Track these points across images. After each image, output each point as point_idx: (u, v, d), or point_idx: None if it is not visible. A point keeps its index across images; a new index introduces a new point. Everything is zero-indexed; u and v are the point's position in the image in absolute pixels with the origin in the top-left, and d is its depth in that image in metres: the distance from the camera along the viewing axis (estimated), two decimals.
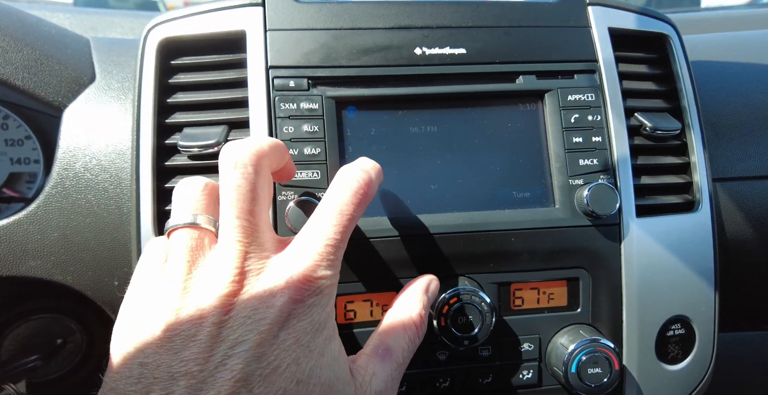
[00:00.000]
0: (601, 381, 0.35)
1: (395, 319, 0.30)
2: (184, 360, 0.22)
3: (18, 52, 0.41)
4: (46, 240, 0.40)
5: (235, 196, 0.25)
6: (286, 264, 0.25)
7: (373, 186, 0.29)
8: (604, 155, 0.38)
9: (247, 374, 0.22)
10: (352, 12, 0.38)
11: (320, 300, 0.25)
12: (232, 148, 0.27)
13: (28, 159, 0.52)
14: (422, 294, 0.31)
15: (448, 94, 0.38)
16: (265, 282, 0.24)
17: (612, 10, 0.41)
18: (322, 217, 0.27)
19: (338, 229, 0.26)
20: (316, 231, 0.26)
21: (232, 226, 0.25)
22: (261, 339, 0.22)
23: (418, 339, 0.30)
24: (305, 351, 0.23)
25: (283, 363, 0.22)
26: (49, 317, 0.44)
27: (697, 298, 0.39)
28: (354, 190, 0.28)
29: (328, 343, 0.24)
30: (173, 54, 0.38)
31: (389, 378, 0.27)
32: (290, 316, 0.23)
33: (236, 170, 0.26)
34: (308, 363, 0.23)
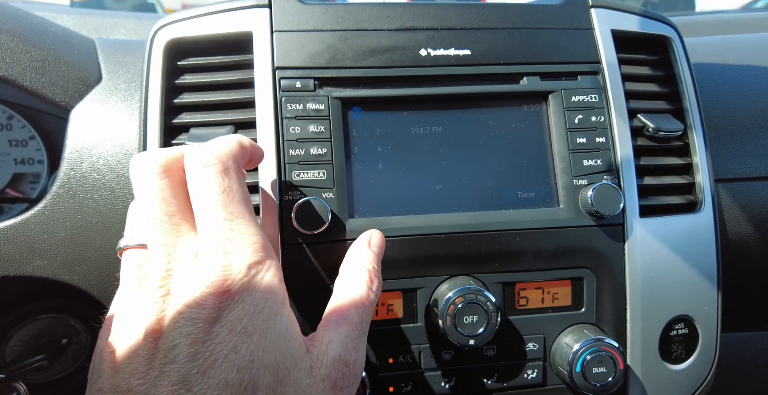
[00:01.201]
0: (606, 380, 0.35)
1: (344, 283, 0.29)
2: (127, 378, 0.23)
3: (26, 53, 0.41)
4: (52, 240, 0.40)
5: (147, 207, 0.26)
6: (208, 255, 0.25)
7: (234, 150, 0.28)
8: (607, 156, 0.39)
9: (184, 375, 0.22)
10: (358, 13, 0.38)
11: (247, 284, 0.24)
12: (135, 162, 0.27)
13: (32, 159, 0.52)
14: (365, 249, 0.31)
15: (453, 95, 0.39)
16: (189, 279, 0.24)
17: (615, 13, 0.42)
18: (201, 201, 0.26)
19: (228, 204, 0.26)
20: (207, 217, 0.25)
21: (151, 231, 0.26)
22: (193, 340, 0.23)
23: (372, 293, 0.28)
24: (242, 337, 0.23)
25: (220, 356, 0.22)
26: (54, 317, 0.44)
27: (700, 298, 0.39)
28: (213, 162, 0.27)
29: (271, 322, 0.24)
30: (180, 55, 0.39)
31: (347, 339, 0.26)
32: (220, 309, 0.23)
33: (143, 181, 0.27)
34: (248, 348, 0.23)
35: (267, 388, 0.23)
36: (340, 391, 0.25)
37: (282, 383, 0.23)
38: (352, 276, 0.29)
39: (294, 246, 0.35)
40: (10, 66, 0.40)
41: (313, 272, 0.35)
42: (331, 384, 0.25)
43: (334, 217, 0.35)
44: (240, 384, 0.22)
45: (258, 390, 0.22)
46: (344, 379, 0.25)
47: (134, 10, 6.31)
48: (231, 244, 0.25)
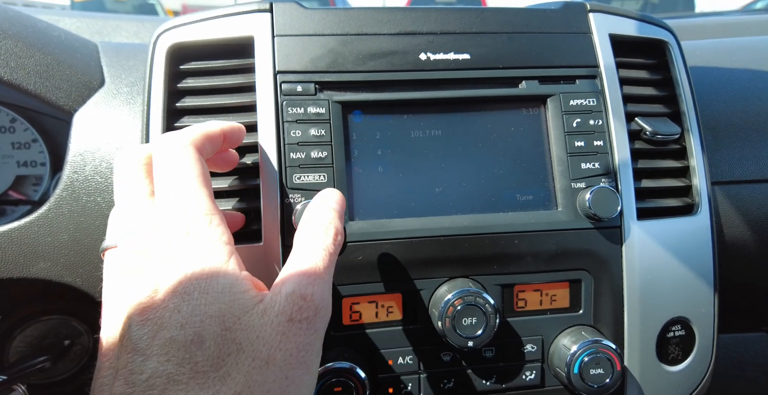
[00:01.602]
0: (603, 381, 0.35)
1: (302, 235, 0.29)
2: (101, 359, 0.25)
3: (30, 58, 0.41)
4: (56, 243, 0.40)
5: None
6: (148, 242, 0.26)
7: (205, 137, 0.30)
8: (605, 159, 0.39)
9: (135, 341, 0.23)
10: (358, 18, 0.39)
11: (179, 244, 0.25)
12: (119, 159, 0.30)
13: (34, 162, 0.53)
14: (322, 203, 0.31)
15: (453, 99, 0.39)
16: (136, 263, 0.26)
17: (612, 17, 0.42)
18: (165, 181, 0.28)
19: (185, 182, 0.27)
20: (167, 193, 0.27)
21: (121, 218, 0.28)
22: (141, 308, 0.24)
23: (330, 240, 0.28)
24: (183, 296, 0.24)
25: (165, 318, 0.24)
26: (57, 318, 0.45)
27: (697, 300, 0.39)
28: (179, 145, 0.29)
29: (212, 280, 0.25)
30: (182, 59, 0.39)
31: (302, 277, 0.26)
32: (160, 276, 0.25)
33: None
34: (189, 306, 0.24)
35: (215, 336, 0.23)
36: (298, 323, 0.25)
37: (232, 329, 0.24)
38: (306, 228, 0.29)
39: None
40: (14, 70, 0.40)
41: None
42: (286, 317, 0.25)
43: None
44: (185, 339, 0.23)
45: (205, 340, 0.23)
46: (301, 312, 0.25)
47: (134, 11, 6.28)
48: (170, 214, 0.26)
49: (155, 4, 6.31)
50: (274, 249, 0.35)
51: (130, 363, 0.23)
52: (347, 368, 0.34)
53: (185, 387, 0.22)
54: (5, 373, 0.39)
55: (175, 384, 0.22)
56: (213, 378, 0.23)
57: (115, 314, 0.25)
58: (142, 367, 0.23)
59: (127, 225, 0.28)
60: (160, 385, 0.22)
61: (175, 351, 0.23)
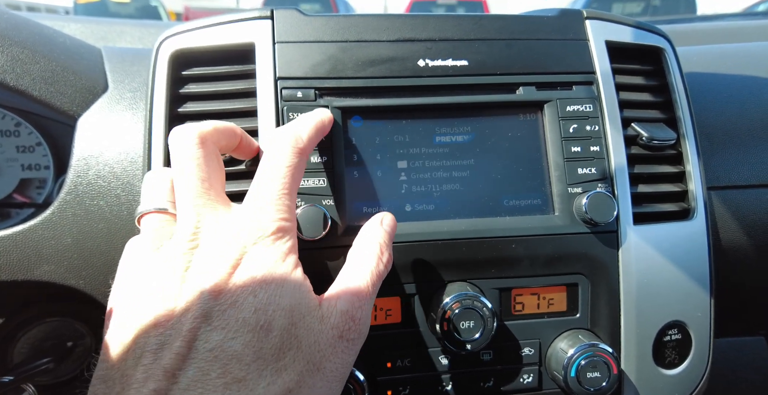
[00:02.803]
0: (600, 385, 0.36)
1: (355, 254, 0.31)
2: (155, 315, 0.24)
3: (35, 64, 0.42)
4: (59, 246, 0.41)
5: (183, 171, 0.29)
6: (240, 215, 0.28)
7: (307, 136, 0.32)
8: (602, 164, 0.39)
9: (207, 310, 0.24)
10: (358, 25, 0.39)
11: (274, 241, 0.27)
12: (176, 132, 0.31)
13: (38, 165, 0.53)
14: (378, 227, 0.33)
15: (451, 104, 0.39)
16: (218, 233, 0.27)
17: (609, 24, 0.43)
18: (267, 171, 0.29)
19: (286, 178, 0.29)
20: (265, 184, 0.29)
21: (183, 193, 0.28)
22: (216, 282, 0.25)
23: (382, 263, 0.30)
24: (261, 283, 0.25)
25: (240, 298, 0.24)
26: (60, 320, 0.45)
27: (693, 304, 0.40)
28: (292, 145, 0.31)
29: (287, 276, 0.26)
30: (184, 65, 0.40)
31: (354, 298, 0.28)
32: (244, 256, 0.26)
33: (182, 149, 0.30)
34: (265, 293, 0.25)
35: (281, 329, 0.25)
36: (346, 342, 0.27)
37: (296, 325, 0.25)
38: (363, 247, 0.31)
39: None
40: (20, 76, 0.41)
41: (312, 277, 0.36)
42: (338, 333, 0.26)
43: (334, 224, 0.36)
44: (257, 323, 0.24)
45: (273, 329, 0.24)
46: (350, 332, 0.27)
47: (137, 13, 6.31)
48: (269, 209, 0.28)
49: (158, 6, 6.35)
50: None
51: (195, 328, 0.23)
52: None
53: (246, 369, 0.23)
54: (11, 374, 0.40)
55: (238, 363, 0.23)
56: (271, 368, 0.24)
57: (168, 274, 0.25)
58: (207, 336, 0.23)
59: (188, 199, 0.28)
60: (224, 359, 0.23)
61: (245, 332, 0.24)
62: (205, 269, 0.25)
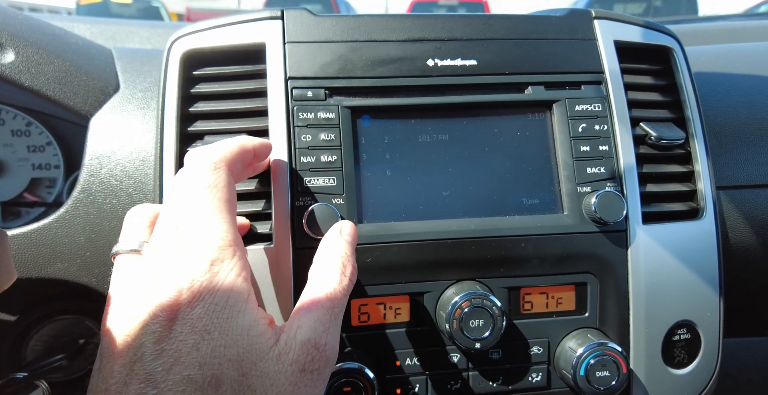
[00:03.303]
0: (609, 384, 0.36)
1: (316, 271, 0.29)
2: (104, 378, 0.24)
3: (49, 65, 0.42)
4: (73, 244, 0.41)
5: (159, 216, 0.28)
6: (168, 262, 0.25)
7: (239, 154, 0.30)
8: (610, 163, 0.39)
9: (149, 373, 0.23)
10: (368, 25, 0.40)
11: (208, 283, 0.25)
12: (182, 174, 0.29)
13: (48, 164, 0.54)
14: (337, 238, 0.31)
15: (460, 104, 0.40)
16: (156, 286, 0.25)
17: (617, 24, 0.43)
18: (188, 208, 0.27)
19: (204, 202, 0.27)
20: (189, 225, 0.26)
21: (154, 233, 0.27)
22: (157, 338, 0.23)
23: (345, 278, 0.29)
24: (204, 334, 0.24)
25: (182, 353, 0.23)
26: (72, 318, 0.46)
27: (703, 304, 0.40)
28: (205, 160, 0.28)
29: (232, 321, 0.24)
30: (196, 65, 0.40)
31: (317, 324, 0.26)
32: (180, 307, 0.24)
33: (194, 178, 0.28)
34: (209, 345, 0.23)
35: (232, 381, 0.23)
36: (310, 374, 0.25)
37: (248, 375, 0.24)
38: (324, 263, 0.30)
39: (304, 250, 0.36)
40: (35, 77, 0.42)
41: None
42: (300, 367, 0.25)
43: None
44: (203, 380, 0.23)
45: (222, 384, 0.23)
46: (314, 362, 0.25)
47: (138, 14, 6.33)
48: (195, 242, 0.26)
49: (159, 7, 6.38)
50: (285, 251, 0.36)
51: (140, 394, 0.22)
52: (356, 368, 0.35)
53: None
54: (25, 370, 0.40)
55: None
56: None
57: (123, 331, 0.25)
58: None
59: (154, 241, 0.27)
60: None
61: (192, 390, 0.22)
62: (146, 320, 0.24)
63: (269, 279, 0.36)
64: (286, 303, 0.35)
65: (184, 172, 0.29)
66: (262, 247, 0.36)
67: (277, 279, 0.36)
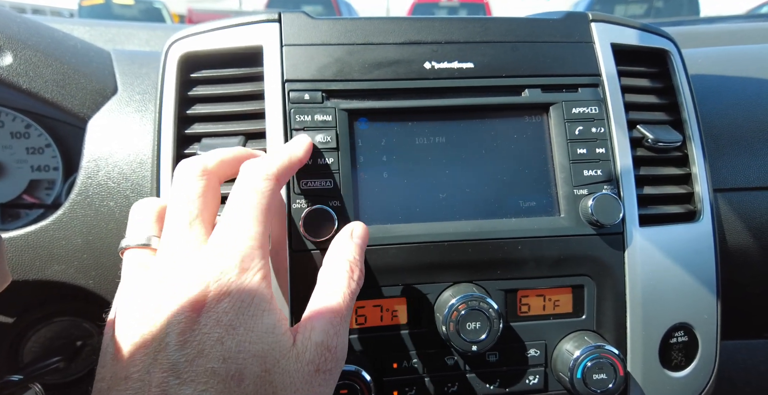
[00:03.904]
0: (606, 386, 0.36)
1: (326, 274, 0.30)
2: (125, 366, 0.24)
3: (48, 67, 0.43)
4: (70, 246, 0.41)
5: (176, 205, 0.28)
6: (201, 254, 0.26)
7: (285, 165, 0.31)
8: (607, 166, 0.39)
9: (173, 363, 0.23)
10: (365, 28, 0.40)
11: (237, 279, 0.25)
12: (182, 165, 0.30)
13: (47, 166, 0.54)
14: (347, 240, 0.32)
15: (457, 107, 0.40)
16: (181, 277, 0.26)
17: (614, 27, 0.43)
18: (232, 202, 0.28)
19: (252, 209, 0.28)
20: (229, 216, 0.28)
21: (168, 229, 0.28)
22: (182, 329, 0.24)
23: (353, 282, 0.30)
24: (228, 329, 0.24)
25: (206, 346, 0.24)
26: (69, 320, 0.46)
27: (700, 306, 0.40)
28: (264, 171, 0.30)
29: (258, 319, 0.25)
30: (193, 67, 0.40)
31: (328, 326, 0.27)
32: (207, 301, 0.25)
33: (183, 181, 0.29)
34: (233, 340, 0.24)
35: (255, 376, 0.24)
36: (323, 374, 0.26)
37: (271, 372, 0.24)
38: (333, 266, 0.30)
39: (301, 252, 0.36)
40: (33, 79, 0.42)
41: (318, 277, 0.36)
42: (315, 367, 0.26)
43: (341, 225, 0.36)
44: (227, 373, 0.23)
45: (245, 378, 0.24)
46: (327, 363, 0.26)
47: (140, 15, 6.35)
48: (231, 247, 0.26)
49: (161, 8, 6.41)
50: (282, 253, 0.36)
51: (164, 383, 0.23)
52: (353, 371, 0.35)
53: None
54: (21, 373, 0.40)
55: None
56: None
57: (146, 321, 0.25)
58: (178, 391, 0.22)
59: (170, 233, 0.27)
60: None
61: (215, 383, 0.23)
62: (170, 314, 0.24)
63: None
64: (283, 306, 0.35)
65: (245, 185, 0.29)
66: None
67: (273, 281, 0.36)
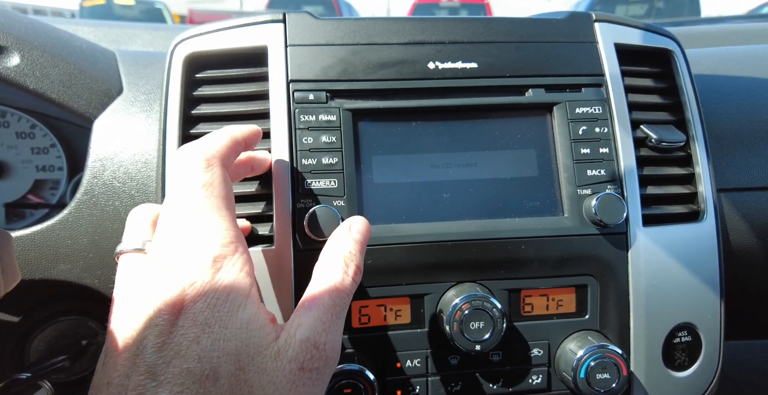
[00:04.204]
0: (610, 386, 0.36)
1: (320, 268, 0.29)
2: (108, 372, 0.24)
3: (54, 68, 0.43)
4: (76, 245, 0.41)
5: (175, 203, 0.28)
6: (176, 253, 0.26)
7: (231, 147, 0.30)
8: (611, 166, 0.40)
9: (150, 365, 0.23)
10: (369, 28, 0.40)
11: (213, 274, 0.25)
12: (181, 153, 0.29)
13: (52, 166, 0.55)
14: (345, 235, 0.31)
15: (460, 106, 0.40)
16: (160, 281, 0.25)
17: (618, 27, 0.43)
18: (171, 196, 0.27)
19: (202, 197, 0.27)
20: (177, 213, 0.27)
21: (158, 230, 0.27)
22: (159, 331, 0.24)
23: (348, 277, 0.28)
24: (204, 328, 0.24)
25: (183, 346, 0.23)
26: (75, 319, 0.46)
27: (703, 306, 0.40)
28: (197, 152, 0.28)
29: (233, 315, 0.24)
30: (198, 67, 0.40)
31: (317, 322, 0.26)
32: (184, 302, 0.24)
33: (187, 173, 0.28)
34: (209, 339, 0.24)
35: (229, 375, 0.23)
36: (308, 373, 0.25)
37: (245, 369, 0.24)
38: (328, 261, 0.29)
39: (306, 252, 0.36)
40: (40, 80, 0.42)
41: None
42: (298, 365, 0.25)
43: None
44: (201, 373, 0.23)
45: (220, 377, 0.23)
46: (313, 361, 0.25)
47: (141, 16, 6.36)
48: (198, 240, 0.26)
49: (162, 9, 6.42)
50: (286, 253, 0.36)
51: (141, 386, 0.22)
52: (357, 370, 0.35)
53: None
54: (28, 371, 0.40)
55: None
56: None
57: (128, 326, 0.25)
58: (154, 393, 0.22)
59: (156, 240, 0.27)
60: None
61: (190, 383, 0.23)
62: (149, 315, 0.24)
63: (270, 282, 0.36)
64: (287, 306, 0.36)
65: (177, 170, 0.28)
66: (262, 249, 0.36)
67: (278, 281, 0.36)
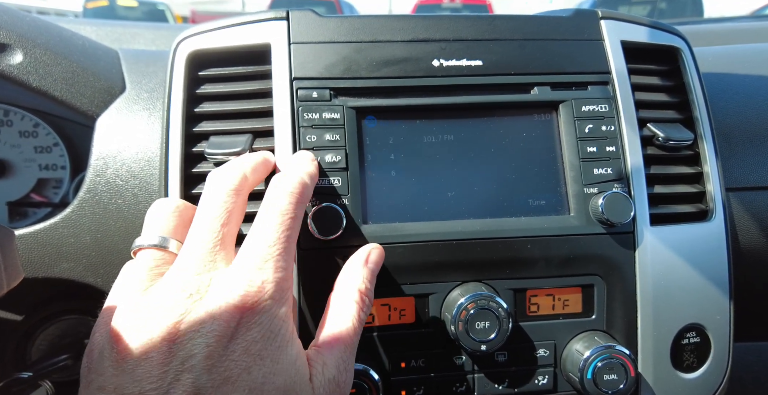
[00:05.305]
0: (617, 387, 0.35)
1: (337, 302, 0.30)
2: (137, 380, 0.22)
3: (57, 66, 0.43)
4: (78, 244, 0.41)
5: (207, 217, 0.28)
6: (233, 277, 0.26)
7: (307, 185, 0.31)
8: (618, 164, 0.39)
9: (198, 387, 0.22)
10: (372, 26, 0.40)
11: (269, 308, 0.25)
12: (217, 176, 0.30)
13: (55, 165, 0.54)
14: (362, 267, 0.32)
15: (465, 104, 0.39)
16: (212, 298, 0.25)
17: (624, 24, 0.42)
18: (262, 224, 0.28)
19: (281, 233, 0.28)
20: (258, 238, 0.27)
21: (196, 241, 0.27)
22: (209, 352, 0.23)
23: (363, 314, 0.30)
24: (256, 359, 0.24)
25: (233, 374, 0.23)
26: (77, 318, 0.46)
27: (712, 307, 0.39)
28: (291, 192, 0.30)
29: (283, 350, 0.25)
30: (201, 65, 0.40)
31: (339, 361, 0.28)
32: (239, 327, 0.24)
33: (217, 194, 0.29)
34: (260, 371, 0.24)
35: None
36: None
37: None
38: (344, 295, 0.30)
39: (310, 250, 0.36)
40: (43, 78, 0.42)
41: (327, 275, 0.36)
42: None
43: (349, 223, 0.36)
44: None
45: None
46: None
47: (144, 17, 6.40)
48: (267, 270, 0.26)
49: (164, 10, 6.45)
50: None
51: None
52: (361, 370, 0.35)
53: None
54: (30, 370, 0.40)
55: None
56: None
57: (166, 335, 0.23)
58: None
59: (196, 240, 0.27)
60: None
61: None
62: (198, 334, 0.23)
63: None
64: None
65: (274, 196, 0.29)
66: None
67: None
